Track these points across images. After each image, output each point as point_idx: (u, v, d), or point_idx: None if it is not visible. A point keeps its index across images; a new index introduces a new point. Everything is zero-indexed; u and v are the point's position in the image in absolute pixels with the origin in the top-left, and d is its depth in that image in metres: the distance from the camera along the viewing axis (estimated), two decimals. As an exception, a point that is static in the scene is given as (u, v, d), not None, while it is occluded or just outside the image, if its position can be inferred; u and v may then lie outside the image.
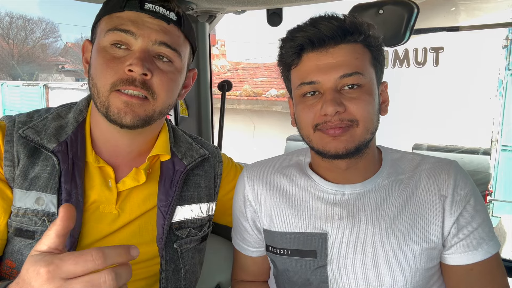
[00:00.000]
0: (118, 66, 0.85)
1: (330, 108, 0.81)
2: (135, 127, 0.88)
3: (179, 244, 1.00)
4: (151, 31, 0.86)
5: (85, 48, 0.96)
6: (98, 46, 0.88)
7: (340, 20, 0.84)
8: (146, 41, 0.86)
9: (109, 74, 0.85)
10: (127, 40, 0.86)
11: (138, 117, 0.87)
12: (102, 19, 0.90)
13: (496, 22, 1.99)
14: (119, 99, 0.85)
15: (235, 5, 1.35)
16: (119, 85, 0.84)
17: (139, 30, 0.86)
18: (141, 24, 0.86)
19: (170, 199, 0.97)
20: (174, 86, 0.93)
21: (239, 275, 1.13)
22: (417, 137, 6.02)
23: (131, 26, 0.85)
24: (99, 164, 0.92)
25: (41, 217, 0.86)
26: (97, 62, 0.87)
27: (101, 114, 0.88)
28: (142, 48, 0.86)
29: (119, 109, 0.85)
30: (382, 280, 0.87)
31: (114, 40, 0.86)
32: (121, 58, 0.85)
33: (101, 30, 0.89)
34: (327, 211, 0.92)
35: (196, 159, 1.05)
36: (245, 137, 8.87)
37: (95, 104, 0.89)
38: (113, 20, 0.87)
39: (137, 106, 0.86)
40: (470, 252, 0.87)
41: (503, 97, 6.02)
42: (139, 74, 0.84)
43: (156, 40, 0.87)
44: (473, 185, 0.91)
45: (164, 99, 0.90)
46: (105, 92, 0.85)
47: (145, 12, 0.87)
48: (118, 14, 0.87)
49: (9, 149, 0.89)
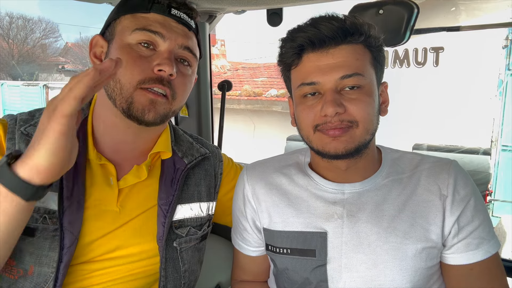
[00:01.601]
0: (145, 65, 0.88)
1: (330, 109, 0.81)
2: (153, 124, 0.92)
3: (179, 242, 1.00)
4: (177, 35, 0.91)
5: (94, 43, 0.96)
6: (122, 43, 0.90)
7: (341, 20, 0.84)
8: (173, 44, 0.91)
9: (136, 71, 0.87)
10: (155, 41, 0.89)
11: (158, 115, 0.90)
12: (123, 17, 0.92)
13: (496, 22, 1.99)
14: (145, 96, 0.88)
15: (235, 5, 1.35)
16: (147, 83, 0.87)
17: (168, 33, 0.90)
18: (169, 27, 0.91)
19: (171, 197, 0.98)
20: (190, 89, 0.99)
21: (239, 275, 1.13)
22: (417, 137, 6.02)
23: (160, 28, 0.89)
24: (100, 162, 0.93)
25: (42, 214, 0.86)
26: (122, 58, 0.87)
27: (120, 109, 0.89)
28: (169, 50, 0.90)
29: (143, 106, 0.88)
30: (381, 280, 0.87)
31: (142, 39, 0.89)
32: (148, 57, 0.89)
33: (125, 28, 0.91)
34: (326, 210, 0.92)
35: (197, 157, 1.06)
36: (245, 137, 8.87)
37: (113, 99, 0.90)
38: (139, 20, 0.90)
39: (160, 104, 0.90)
40: (470, 251, 0.87)
41: (503, 97, 6.02)
42: (167, 74, 0.88)
43: (182, 44, 0.92)
44: (473, 185, 0.91)
45: (181, 100, 0.95)
46: (130, 88, 0.87)
47: (171, 17, 0.92)
48: (144, 15, 0.91)
49: (11, 147, 0.89)
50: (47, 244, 0.86)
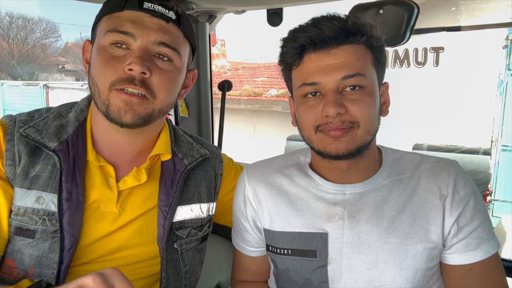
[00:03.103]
0: (118, 65, 0.85)
1: (331, 110, 0.81)
2: (135, 126, 0.89)
3: (180, 244, 1.00)
4: (150, 30, 0.87)
5: (85, 48, 0.97)
6: (98, 45, 0.89)
7: (342, 20, 0.84)
8: (145, 41, 0.87)
9: (108, 72, 0.85)
10: (126, 41, 0.87)
11: (138, 116, 0.87)
12: (102, 19, 0.91)
13: (496, 22, 1.99)
14: (119, 98, 0.86)
15: (235, 5, 1.35)
16: (118, 84, 0.85)
17: (138, 31, 0.86)
18: (140, 24, 0.87)
19: (171, 199, 0.98)
20: (174, 85, 0.93)
21: (239, 275, 1.13)
22: (417, 137, 6.02)
23: (130, 28, 0.86)
24: (99, 163, 0.93)
25: (42, 216, 0.86)
26: (97, 61, 0.88)
27: (102, 113, 0.89)
28: (141, 48, 0.86)
29: (119, 107, 0.86)
30: (382, 280, 0.87)
31: (114, 40, 0.87)
32: (121, 57, 0.86)
33: (101, 30, 0.90)
34: (327, 211, 0.92)
35: (197, 159, 1.05)
36: (245, 137, 8.86)
37: (96, 103, 0.90)
38: (113, 21, 0.88)
39: (137, 105, 0.87)
40: (470, 252, 0.87)
41: (503, 97, 6.01)
42: (138, 73, 0.85)
43: (155, 40, 0.87)
44: (473, 185, 0.91)
45: (164, 98, 0.90)
46: (105, 91, 0.86)
47: (144, 11, 0.87)
48: (118, 14, 0.88)
49: (10, 148, 0.89)
50: (47, 246, 0.86)
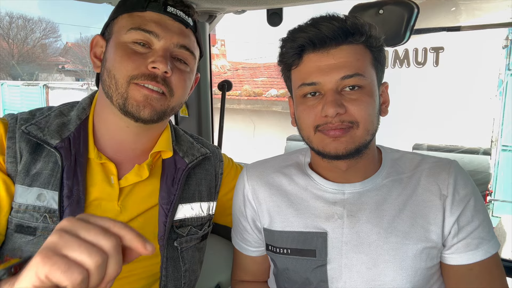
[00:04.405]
0: (140, 61, 0.88)
1: (331, 110, 0.81)
2: (150, 121, 0.91)
3: (180, 242, 1.00)
4: (172, 33, 0.91)
5: (95, 43, 0.98)
6: (118, 41, 0.91)
7: (342, 20, 0.84)
8: (168, 42, 0.91)
9: (130, 66, 0.88)
10: (150, 40, 0.90)
11: (155, 111, 0.90)
12: (121, 16, 0.93)
13: (496, 22, 1.99)
14: (139, 92, 0.88)
15: (235, 5, 1.35)
16: (140, 79, 0.88)
17: (162, 32, 0.90)
18: (164, 25, 0.91)
19: (172, 196, 0.98)
20: (188, 86, 0.98)
21: (239, 275, 1.13)
22: (417, 137, 6.02)
23: (154, 27, 0.90)
24: (101, 161, 0.93)
25: (43, 213, 0.87)
26: (117, 55, 0.89)
27: (116, 106, 0.90)
28: (164, 48, 0.90)
29: (138, 101, 0.88)
30: (382, 280, 0.87)
31: (137, 39, 0.90)
32: (143, 54, 0.89)
33: (121, 27, 0.91)
34: (326, 210, 0.92)
35: (198, 157, 1.06)
36: (245, 137, 8.87)
37: (110, 96, 0.91)
38: (135, 19, 0.91)
39: (155, 100, 0.90)
40: (470, 252, 0.87)
41: (503, 97, 6.02)
42: (162, 72, 0.88)
43: (178, 43, 0.92)
44: (473, 185, 0.91)
45: (180, 96, 0.95)
46: (124, 83, 0.88)
47: (167, 15, 0.92)
48: (140, 14, 0.91)
49: (11, 145, 0.89)
50: None
